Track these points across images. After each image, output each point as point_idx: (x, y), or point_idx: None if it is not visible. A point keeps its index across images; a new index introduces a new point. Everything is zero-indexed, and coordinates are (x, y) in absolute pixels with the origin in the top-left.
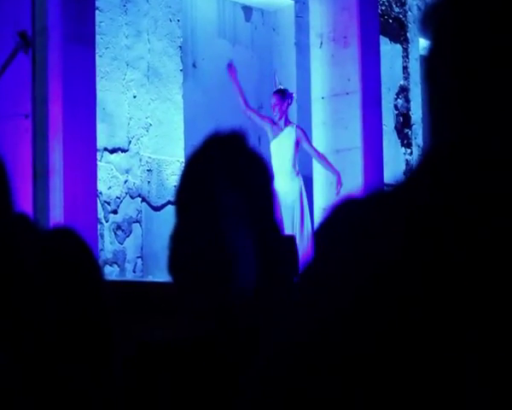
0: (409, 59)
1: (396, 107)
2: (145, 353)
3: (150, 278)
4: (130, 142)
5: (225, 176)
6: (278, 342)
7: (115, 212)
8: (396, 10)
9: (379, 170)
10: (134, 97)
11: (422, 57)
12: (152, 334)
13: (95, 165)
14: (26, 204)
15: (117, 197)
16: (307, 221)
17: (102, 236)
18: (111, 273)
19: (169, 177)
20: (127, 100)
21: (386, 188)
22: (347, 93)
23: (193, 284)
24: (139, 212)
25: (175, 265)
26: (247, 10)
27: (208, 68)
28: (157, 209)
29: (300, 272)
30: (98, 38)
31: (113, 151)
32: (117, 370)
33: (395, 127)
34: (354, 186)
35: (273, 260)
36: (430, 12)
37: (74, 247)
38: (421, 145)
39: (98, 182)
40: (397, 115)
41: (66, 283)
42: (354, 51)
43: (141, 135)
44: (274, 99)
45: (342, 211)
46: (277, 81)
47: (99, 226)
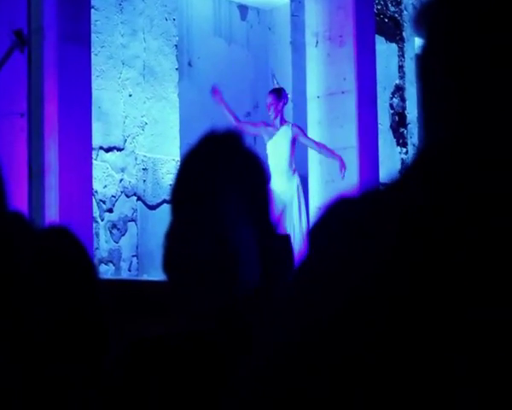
0: (404, 58)
1: (391, 106)
2: (136, 350)
3: (145, 277)
4: (125, 140)
5: (221, 175)
6: (272, 340)
7: (110, 211)
8: (392, 9)
9: (374, 169)
10: (130, 96)
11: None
12: (146, 332)
13: (90, 164)
14: (22, 203)
15: (112, 196)
16: (304, 220)
17: (98, 234)
18: (106, 272)
19: (164, 175)
20: (123, 99)
21: (380, 187)
22: (343, 92)
23: (191, 283)
24: (134, 210)
25: (171, 263)
26: (243, 9)
27: (204, 67)
28: (152, 208)
29: (294, 270)
30: (94, 37)
31: (109, 150)
32: (108, 368)
33: (390, 126)
34: (349, 185)
35: (269, 259)
36: (424, 10)
37: (69, 246)
38: (416, 144)
39: (93, 181)
40: (392, 114)
41: (61, 282)
42: (350, 50)
43: (136, 134)
44: (270, 98)
45: (336, 210)
46: (276, 82)
47: (94, 225)
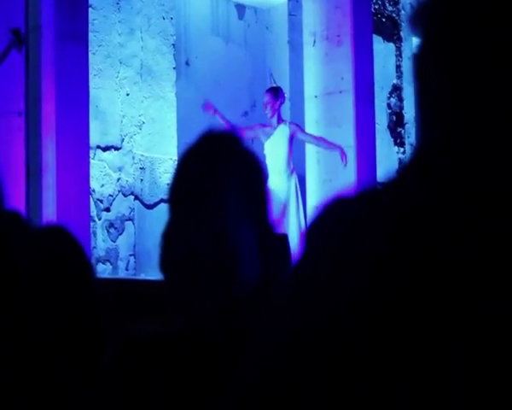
0: (402, 58)
1: (389, 106)
2: (132, 349)
3: (143, 276)
4: (123, 140)
5: (219, 174)
6: (270, 339)
7: (108, 210)
8: (389, 9)
9: (372, 169)
10: (127, 95)
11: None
12: (143, 332)
13: (87, 163)
14: (19, 202)
15: (110, 195)
16: (302, 219)
17: (95, 234)
18: (103, 271)
19: (162, 175)
20: (120, 98)
21: (377, 186)
22: (340, 92)
23: (190, 282)
24: (132, 210)
25: (169, 263)
26: (241, 8)
27: (201, 66)
28: (150, 207)
29: (291, 269)
30: (91, 36)
31: (106, 149)
32: (105, 367)
33: (388, 126)
34: (347, 184)
35: (267, 258)
36: (420, 10)
37: (66, 245)
38: (414, 144)
39: (91, 180)
40: (390, 114)
41: (57, 281)
42: (347, 50)
43: (134, 133)
44: (267, 97)
45: (334, 209)
46: (273, 81)
47: (92, 224)
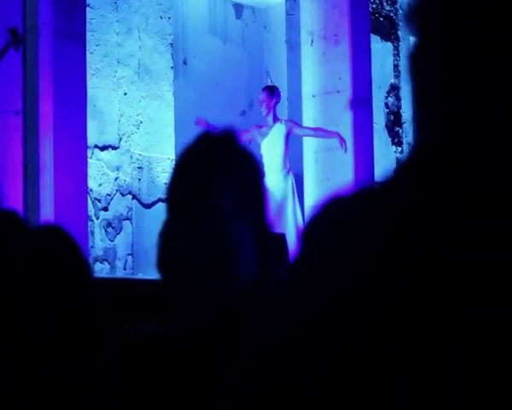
0: (400, 57)
1: (387, 105)
2: (129, 348)
3: (141, 276)
4: (120, 139)
5: (218, 173)
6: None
7: (106, 209)
8: (387, 8)
9: (369, 168)
10: (125, 94)
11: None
12: (141, 331)
13: (85, 162)
14: (17, 202)
15: (107, 194)
16: (299, 219)
17: (93, 233)
18: (101, 271)
19: (159, 174)
20: (118, 97)
21: (374, 186)
22: (338, 91)
23: (188, 282)
24: (130, 209)
25: (167, 262)
26: (238, 7)
27: (199, 66)
28: (148, 207)
29: (288, 268)
30: (89, 35)
31: (104, 148)
32: (102, 366)
33: (386, 125)
34: (344, 184)
35: (265, 257)
36: (416, 8)
37: (63, 245)
38: (411, 143)
39: (89, 179)
40: (387, 113)
41: (55, 281)
42: (345, 49)
43: (131, 132)
44: (262, 95)
45: (331, 208)
46: (269, 80)
47: (89, 224)
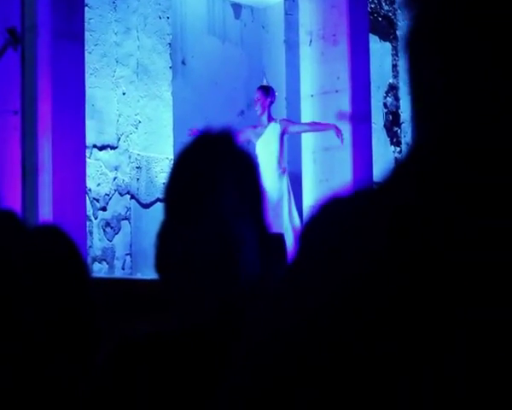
0: (398, 57)
1: (385, 105)
2: (125, 348)
3: (139, 276)
4: (119, 139)
5: (216, 173)
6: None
7: (104, 209)
8: (385, 8)
9: (368, 168)
10: (123, 94)
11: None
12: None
13: (84, 162)
14: (15, 201)
15: (106, 194)
16: (295, 219)
17: (91, 233)
18: (100, 271)
19: (158, 174)
20: (116, 97)
21: (373, 186)
22: (337, 91)
23: (187, 282)
24: (128, 209)
25: (165, 263)
26: (237, 7)
27: (198, 66)
28: (146, 206)
29: (287, 268)
30: (87, 35)
31: (102, 148)
32: (99, 366)
33: (384, 125)
34: (343, 184)
35: (264, 257)
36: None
37: (61, 245)
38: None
39: (87, 179)
40: (386, 113)
41: (52, 281)
42: (343, 49)
43: (130, 132)
44: (257, 94)
45: (329, 209)
46: (265, 81)
47: (88, 223)
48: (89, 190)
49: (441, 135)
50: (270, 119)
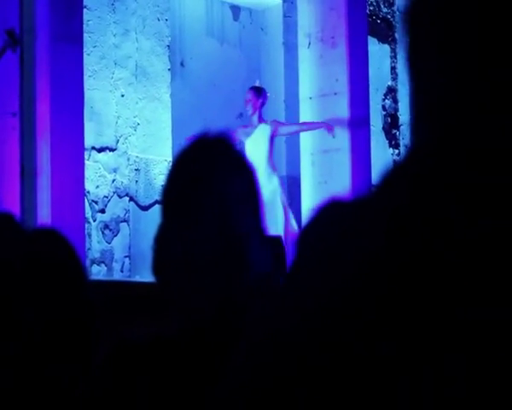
0: (397, 59)
1: (384, 107)
2: (124, 349)
3: (138, 278)
4: (117, 141)
5: (213, 176)
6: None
7: (103, 211)
8: (384, 11)
9: (366, 171)
10: (122, 96)
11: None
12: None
13: (82, 164)
14: (13, 203)
15: (104, 196)
16: (292, 220)
17: (90, 235)
18: (98, 273)
19: (157, 176)
20: (115, 99)
21: (372, 188)
22: (335, 93)
23: (187, 283)
24: (127, 211)
25: (164, 265)
26: (236, 9)
27: (196, 67)
28: (145, 209)
29: (287, 271)
30: (86, 37)
31: (101, 150)
32: (97, 367)
33: (383, 128)
34: (341, 187)
35: (263, 258)
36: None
37: (58, 248)
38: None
39: (86, 181)
40: (385, 116)
41: (50, 284)
42: (342, 51)
43: (129, 134)
44: (249, 94)
45: (328, 211)
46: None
47: (86, 226)
48: (87, 193)
49: (441, 135)
50: (260, 119)
